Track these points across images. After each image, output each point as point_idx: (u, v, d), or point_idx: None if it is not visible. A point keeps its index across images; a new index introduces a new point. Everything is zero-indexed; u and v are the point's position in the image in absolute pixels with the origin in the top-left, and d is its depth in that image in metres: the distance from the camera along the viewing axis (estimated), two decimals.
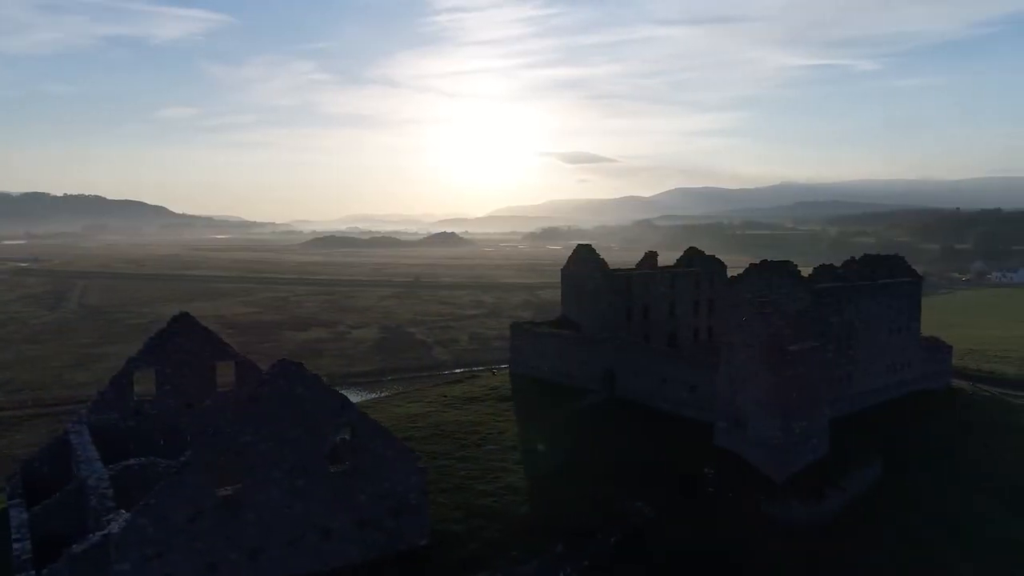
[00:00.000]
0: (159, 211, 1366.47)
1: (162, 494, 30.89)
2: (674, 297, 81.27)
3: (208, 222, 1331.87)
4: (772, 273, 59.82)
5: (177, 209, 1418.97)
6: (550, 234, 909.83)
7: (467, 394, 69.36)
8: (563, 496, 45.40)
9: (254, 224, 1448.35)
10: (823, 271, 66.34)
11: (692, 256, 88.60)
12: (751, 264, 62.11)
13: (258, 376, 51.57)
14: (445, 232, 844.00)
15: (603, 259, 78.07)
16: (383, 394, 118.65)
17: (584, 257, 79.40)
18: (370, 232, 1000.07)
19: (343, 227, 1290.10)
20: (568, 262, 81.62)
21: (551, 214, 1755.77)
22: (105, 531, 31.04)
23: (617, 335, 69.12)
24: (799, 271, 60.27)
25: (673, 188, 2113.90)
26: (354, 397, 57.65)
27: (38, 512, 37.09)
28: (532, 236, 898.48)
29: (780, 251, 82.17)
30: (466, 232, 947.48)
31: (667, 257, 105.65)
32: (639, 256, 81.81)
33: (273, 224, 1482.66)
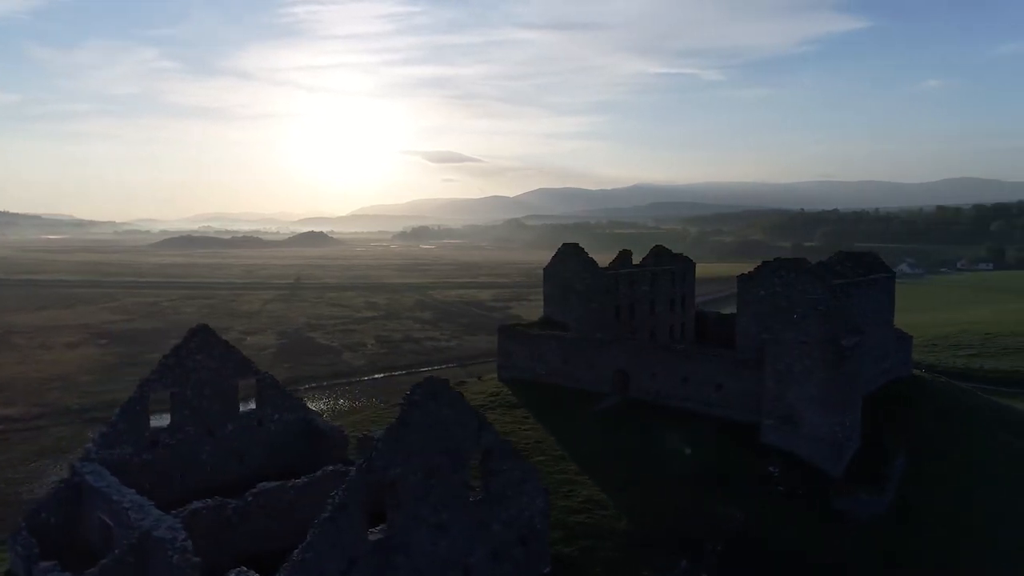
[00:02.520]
0: None
1: (316, 544, 25.50)
2: (654, 295, 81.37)
3: (36, 221, 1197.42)
4: (787, 270, 60.77)
5: None
6: (420, 233, 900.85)
7: (471, 403, 65.20)
8: (650, 506, 43.26)
9: (91, 223, 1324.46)
10: (821, 268, 68.45)
11: (660, 254, 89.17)
12: (764, 261, 62.80)
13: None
14: (312, 232, 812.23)
15: (592, 258, 76.55)
16: (364, 402, 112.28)
17: (570, 256, 77.47)
18: (228, 232, 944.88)
19: (194, 226, 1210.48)
20: (552, 261, 79.30)
21: (416, 213, 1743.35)
22: None
23: (627, 335, 67.82)
24: (813, 268, 61.66)
25: (536, 188, 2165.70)
26: None
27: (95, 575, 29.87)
28: (403, 235, 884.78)
29: (648, 249, 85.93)
30: (332, 231, 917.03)
31: (542, 256, 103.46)
32: (514, 255, 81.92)
33: (114, 223, 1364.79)
